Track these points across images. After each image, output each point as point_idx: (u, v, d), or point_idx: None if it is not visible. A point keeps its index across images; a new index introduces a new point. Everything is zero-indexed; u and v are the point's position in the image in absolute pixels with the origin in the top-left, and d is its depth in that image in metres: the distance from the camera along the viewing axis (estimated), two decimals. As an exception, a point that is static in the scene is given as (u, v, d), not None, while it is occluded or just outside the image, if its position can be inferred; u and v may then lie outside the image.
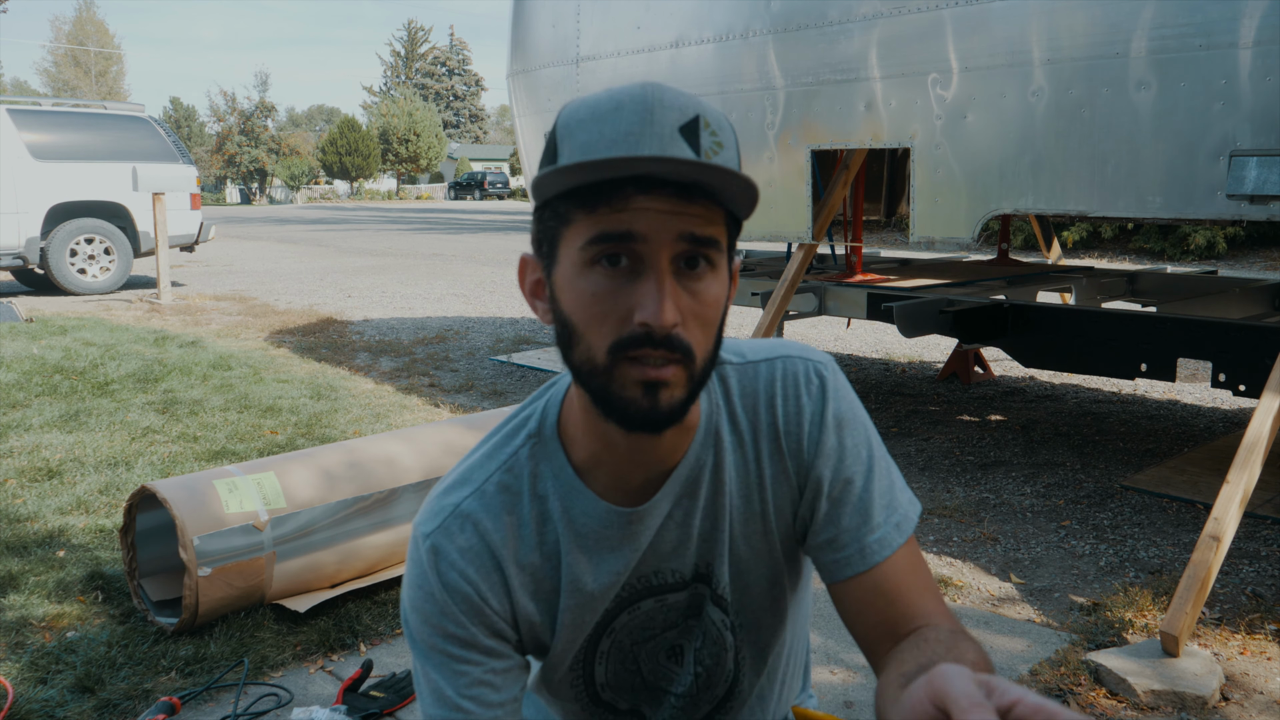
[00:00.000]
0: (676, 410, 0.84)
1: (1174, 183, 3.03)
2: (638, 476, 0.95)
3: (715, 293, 0.84)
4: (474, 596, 0.95)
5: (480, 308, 9.05)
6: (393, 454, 2.85)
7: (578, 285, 0.83)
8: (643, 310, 0.80)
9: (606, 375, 0.83)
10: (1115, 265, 12.61)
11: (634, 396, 0.83)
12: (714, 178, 0.78)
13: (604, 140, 0.80)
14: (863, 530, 0.96)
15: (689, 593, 1.02)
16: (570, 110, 0.84)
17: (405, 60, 70.56)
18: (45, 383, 5.34)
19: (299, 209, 39.85)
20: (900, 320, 3.87)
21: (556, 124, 0.85)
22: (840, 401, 0.99)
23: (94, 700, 2.18)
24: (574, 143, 0.82)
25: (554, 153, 0.84)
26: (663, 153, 0.79)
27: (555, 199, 0.84)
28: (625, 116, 0.80)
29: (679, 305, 0.82)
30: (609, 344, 0.82)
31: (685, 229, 0.80)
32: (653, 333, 0.80)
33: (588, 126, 0.81)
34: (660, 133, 0.80)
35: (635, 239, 0.80)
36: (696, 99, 0.83)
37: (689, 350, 0.82)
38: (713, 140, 0.82)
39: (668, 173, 0.78)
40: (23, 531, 3.18)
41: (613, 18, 4.67)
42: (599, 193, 0.80)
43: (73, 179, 9.52)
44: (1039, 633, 2.58)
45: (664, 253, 0.81)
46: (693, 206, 0.80)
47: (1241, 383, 3.32)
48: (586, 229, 0.81)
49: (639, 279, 0.81)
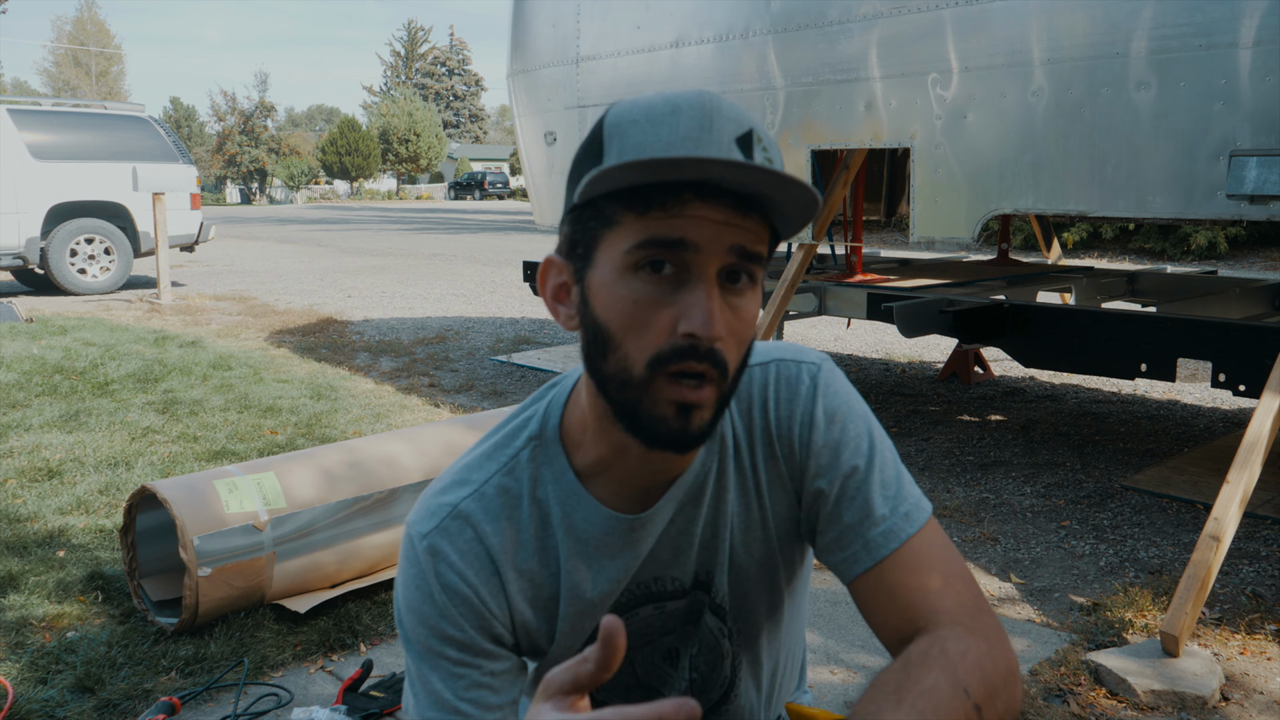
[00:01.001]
0: (705, 432, 0.82)
1: (1174, 183, 3.03)
2: (644, 484, 0.93)
3: (752, 310, 0.83)
4: (473, 599, 0.93)
5: (480, 308, 9.04)
6: (393, 454, 2.85)
7: (617, 291, 0.80)
8: (689, 321, 0.77)
9: (641, 390, 0.81)
10: (1115, 265, 12.61)
11: (666, 415, 0.81)
12: (788, 189, 0.75)
13: (661, 143, 0.77)
14: (866, 524, 0.93)
15: (688, 600, 1.01)
16: (621, 110, 0.81)
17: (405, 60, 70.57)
18: (45, 383, 5.34)
19: (299, 209, 39.84)
20: (900, 320, 3.87)
21: (604, 122, 0.81)
22: (831, 397, 0.96)
23: (94, 700, 2.18)
24: (627, 143, 0.79)
25: (599, 151, 0.80)
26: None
27: (601, 198, 0.80)
28: (684, 120, 0.78)
29: (724, 319, 0.80)
30: (649, 356, 0.79)
31: (737, 241, 0.78)
32: (698, 345, 0.78)
33: (642, 128, 0.78)
34: (719, 140, 0.77)
35: (687, 248, 0.78)
36: (748, 113, 0.81)
37: (725, 367, 0.80)
38: (764, 156, 0.80)
39: (734, 180, 0.75)
40: (23, 531, 3.18)
41: (613, 18, 4.67)
42: (652, 195, 0.77)
43: (73, 179, 9.53)
44: (1039, 633, 2.58)
45: (713, 264, 0.78)
46: (747, 220, 0.78)
47: (1241, 383, 3.32)
48: (634, 232, 0.78)
49: (684, 288, 0.79)
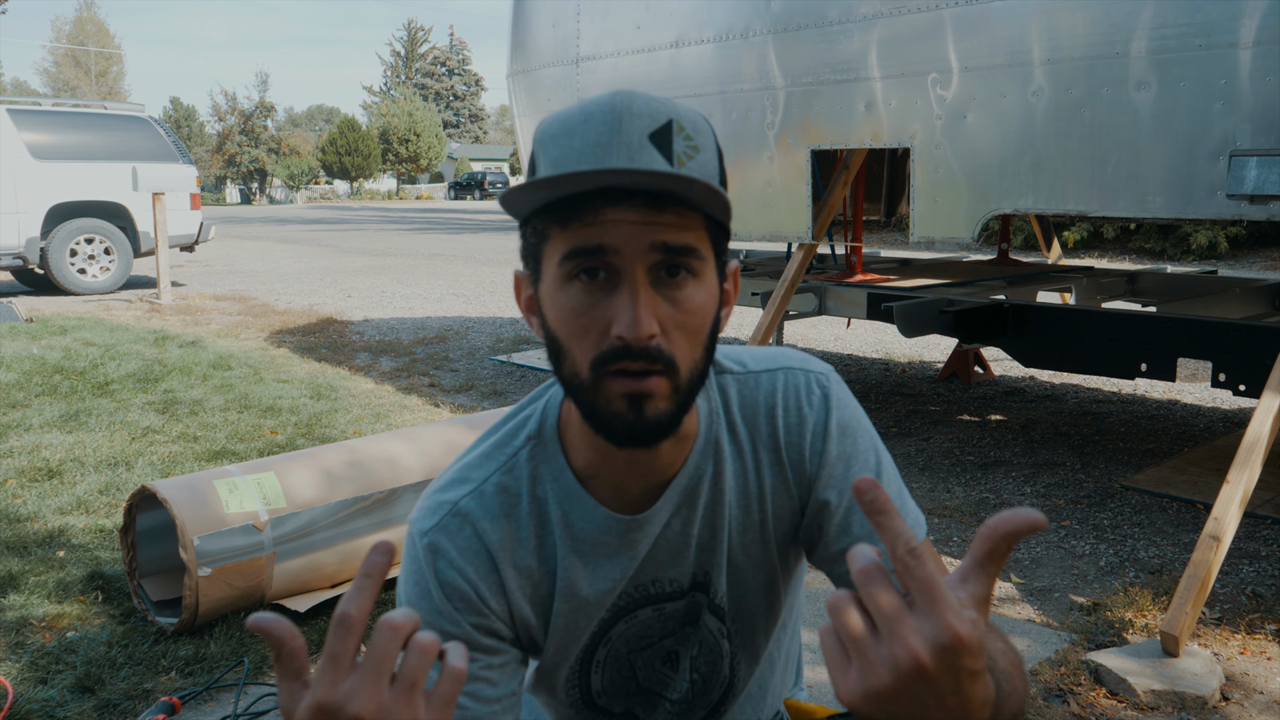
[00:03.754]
0: (664, 423, 0.83)
1: (1174, 183, 3.03)
2: (637, 485, 0.94)
3: (699, 301, 0.83)
4: (472, 595, 0.94)
5: (480, 308, 9.04)
6: (393, 454, 2.85)
7: (559, 300, 0.83)
8: (618, 323, 0.79)
9: (592, 391, 0.83)
10: (1115, 265, 12.61)
11: (619, 410, 0.82)
12: (675, 185, 0.77)
13: (573, 153, 0.80)
14: (874, 538, 0.94)
15: (686, 602, 1.01)
16: (545, 125, 0.83)
17: (405, 60, 70.55)
18: (45, 383, 5.34)
19: (299, 209, 39.84)
20: (900, 320, 3.87)
21: (534, 139, 0.84)
22: (844, 411, 0.98)
23: (94, 700, 2.18)
24: (547, 158, 0.82)
25: (533, 168, 0.84)
26: (631, 162, 0.78)
27: (533, 216, 0.83)
28: (593, 127, 0.79)
29: (659, 315, 0.80)
30: (590, 359, 0.82)
31: (657, 239, 0.79)
32: (630, 346, 0.79)
33: (559, 140, 0.81)
34: (629, 141, 0.79)
35: (607, 252, 0.79)
36: (671, 103, 0.82)
37: (671, 361, 0.81)
38: (687, 145, 0.80)
39: (635, 183, 0.77)
40: (23, 531, 3.18)
41: (613, 17, 4.67)
42: (570, 207, 0.79)
43: (73, 179, 9.52)
44: (1039, 632, 2.58)
45: (638, 264, 0.80)
46: (664, 215, 0.79)
47: (1241, 383, 3.32)
48: (562, 244, 0.81)
49: (615, 292, 0.81)
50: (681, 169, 0.80)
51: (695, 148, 0.81)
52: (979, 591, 0.61)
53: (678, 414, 0.84)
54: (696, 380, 0.85)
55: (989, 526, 0.60)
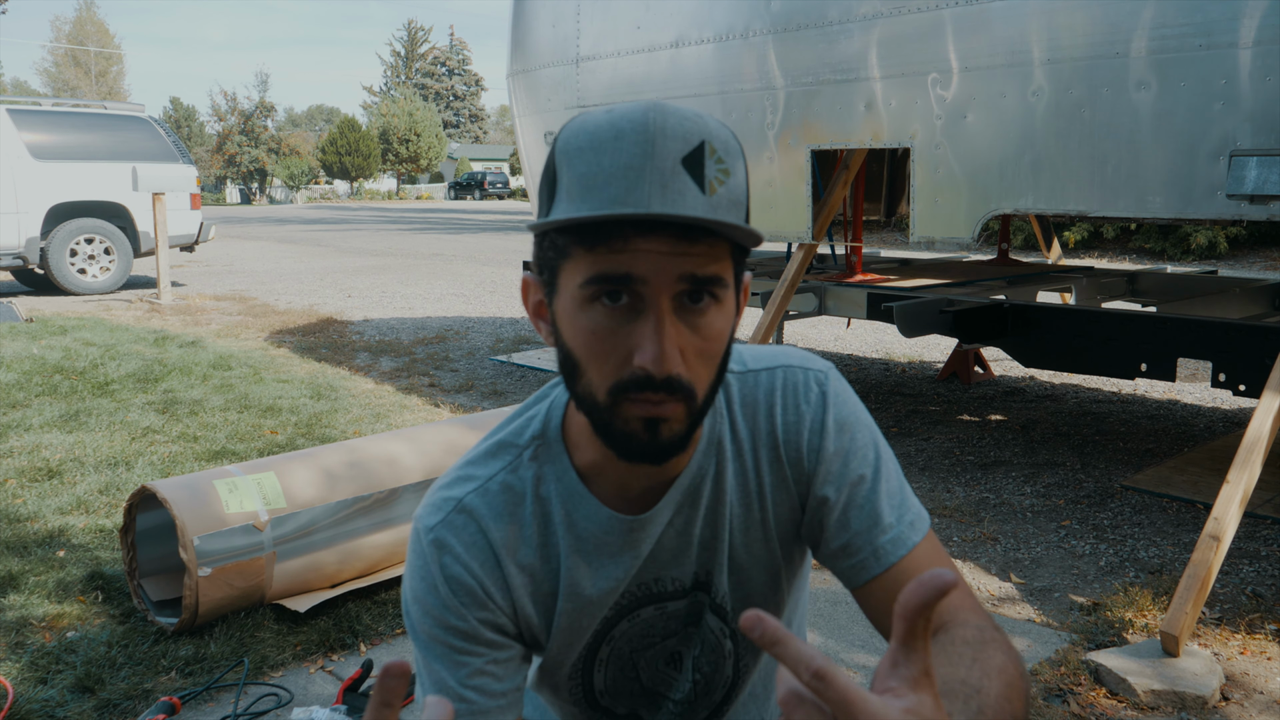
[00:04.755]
0: (677, 444, 0.84)
1: (1174, 183, 3.03)
2: (639, 485, 0.95)
3: (719, 326, 0.83)
4: (477, 590, 0.95)
5: (480, 308, 9.05)
6: (393, 454, 2.85)
7: (578, 321, 0.82)
8: (642, 354, 0.79)
9: (608, 412, 0.83)
10: (1115, 265, 12.61)
11: (635, 431, 0.82)
12: (712, 225, 0.77)
13: (603, 173, 0.78)
14: (874, 532, 0.95)
15: (689, 601, 1.02)
16: (570, 133, 0.81)
17: (405, 60, 70.55)
18: (45, 383, 5.34)
19: (299, 209, 39.84)
20: (900, 320, 3.87)
21: (556, 147, 0.82)
22: (841, 407, 0.98)
23: (94, 700, 2.18)
24: (573, 172, 0.80)
25: (553, 178, 0.82)
26: (664, 188, 0.77)
27: (554, 231, 0.82)
28: (625, 147, 0.77)
29: (681, 343, 0.80)
30: (609, 384, 0.82)
31: (686, 270, 0.79)
32: (653, 377, 0.79)
33: (585, 156, 0.79)
34: (662, 166, 0.77)
35: (635, 281, 0.79)
36: (702, 119, 0.80)
37: (690, 391, 0.82)
38: (718, 168, 0.79)
39: (667, 219, 0.77)
40: (23, 531, 3.18)
41: (613, 18, 4.67)
42: (598, 232, 0.78)
43: (73, 179, 9.52)
44: (1039, 633, 2.58)
45: (664, 294, 0.79)
46: (696, 247, 0.79)
47: (1241, 383, 3.32)
48: (585, 268, 0.80)
49: (639, 318, 0.80)
50: (713, 195, 0.79)
51: (726, 171, 0.80)
52: (912, 672, 0.59)
53: (689, 434, 0.84)
54: (710, 400, 0.85)
55: (900, 605, 0.58)
